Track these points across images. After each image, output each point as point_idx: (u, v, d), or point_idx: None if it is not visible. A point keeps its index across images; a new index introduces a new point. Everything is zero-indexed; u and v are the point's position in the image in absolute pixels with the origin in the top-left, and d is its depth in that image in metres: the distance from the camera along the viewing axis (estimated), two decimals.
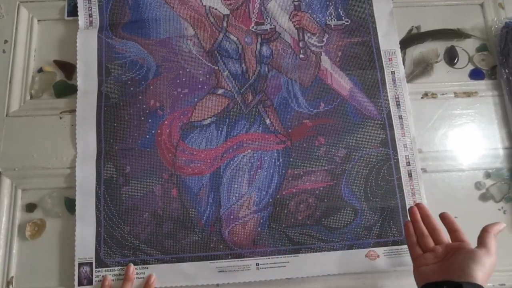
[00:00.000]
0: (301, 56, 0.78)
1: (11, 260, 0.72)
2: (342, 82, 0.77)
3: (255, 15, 0.80)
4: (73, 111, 0.77)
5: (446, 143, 0.78)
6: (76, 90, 0.77)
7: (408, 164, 0.74)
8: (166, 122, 0.75)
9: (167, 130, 0.75)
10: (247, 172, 0.73)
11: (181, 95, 0.76)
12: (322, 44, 0.79)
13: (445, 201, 0.75)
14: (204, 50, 0.78)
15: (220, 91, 0.77)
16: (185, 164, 0.73)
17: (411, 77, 0.80)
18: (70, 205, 0.73)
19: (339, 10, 0.81)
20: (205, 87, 0.77)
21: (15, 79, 0.80)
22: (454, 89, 0.80)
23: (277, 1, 0.81)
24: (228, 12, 0.81)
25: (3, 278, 0.71)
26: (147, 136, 0.74)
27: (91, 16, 0.80)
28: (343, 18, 0.80)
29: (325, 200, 0.72)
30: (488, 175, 0.77)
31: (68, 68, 0.80)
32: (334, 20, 0.80)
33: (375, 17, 0.81)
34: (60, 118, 0.78)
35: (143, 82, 0.77)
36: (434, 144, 0.77)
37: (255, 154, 0.74)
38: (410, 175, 0.74)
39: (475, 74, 0.81)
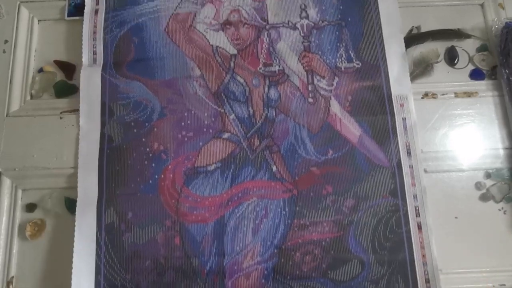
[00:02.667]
0: (310, 100, 0.78)
1: (11, 260, 0.73)
2: (351, 128, 0.76)
3: (263, 56, 0.80)
4: (73, 111, 0.78)
5: (446, 143, 0.78)
6: (76, 90, 0.79)
7: (418, 215, 0.73)
8: (169, 166, 0.75)
9: (171, 175, 0.74)
10: (252, 221, 0.73)
11: (186, 139, 0.76)
12: (331, 88, 0.78)
13: (445, 201, 0.75)
14: (210, 91, 0.78)
15: (226, 135, 0.76)
16: (188, 211, 0.73)
17: (412, 77, 0.80)
18: (70, 205, 0.74)
19: (350, 52, 0.80)
20: (211, 130, 0.76)
21: (15, 79, 0.81)
22: (454, 89, 0.81)
23: (286, 42, 0.81)
24: (235, 52, 0.80)
25: (3, 278, 0.72)
26: (150, 181, 0.74)
27: (95, 54, 0.80)
28: (354, 60, 0.80)
29: (332, 252, 0.72)
30: (488, 175, 0.77)
31: (68, 68, 0.81)
32: (344, 63, 0.80)
33: (387, 60, 0.80)
34: (61, 118, 0.79)
35: (147, 124, 0.76)
36: (434, 144, 0.78)
37: (260, 203, 0.74)
38: (419, 227, 0.73)
39: (476, 74, 0.82)
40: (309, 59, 0.80)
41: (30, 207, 0.75)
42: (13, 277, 0.73)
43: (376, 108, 0.78)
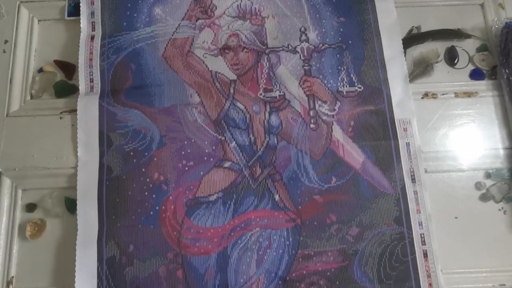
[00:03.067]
0: (312, 126, 0.77)
1: (11, 260, 0.73)
2: (354, 155, 0.75)
3: (263, 81, 0.79)
4: (73, 111, 0.78)
5: (447, 143, 0.79)
6: (76, 90, 0.79)
7: (423, 243, 0.73)
8: (170, 197, 0.74)
9: (172, 207, 0.73)
10: (256, 252, 0.72)
11: (186, 168, 0.75)
12: (333, 113, 0.77)
13: (445, 201, 0.76)
14: (210, 119, 0.77)
15: (227, 164, 0.75)
16: (190, 242, 0.72)
17: (412, 77, 0.81)
18: (70, 205, 0.74)
19: (352, 75, 0.79)
20: (211, 159, 0.75)
21: (15, 79, 0.81)
22: (454, 89, 0.81)
23: (286, 66, 0.80)
24: (235, 77, 0.79)
25: (3, 278, 0.72)
26: (151, 213, 0.73)
27: (92, 81, 0.79)
28: (356, 84, 0.79)
29: (337, 283, 0.71)
30: (488, 175, 0.77)
31: (68, 68, 0.81)
32: (346, 87, 0.79)
33: (389, 83, 0.79)
34: (61, 118, 0.79)
35: (146, 153, 0.75)
36: (434, 144, 0.78)
37: (263, 233, 0.73)
38: (425, 255, 0.72)
39: (476, 74, 0.82)
40: (310, 83, 0.79)
41: (30, 207, 0.75)
42: (13, 277, 0.73)
43: (379, 133, 0.77)
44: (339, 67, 0.80)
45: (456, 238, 0.74)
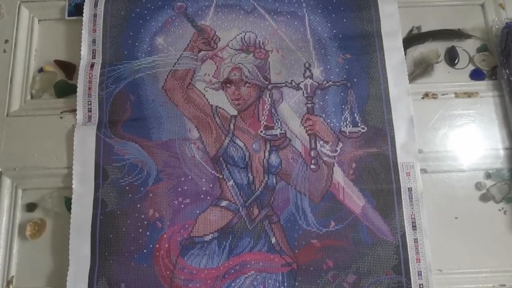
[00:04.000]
0: (312, 166, 0.75)
1: (11, 260, 0.74)
2: (355, 199, 0.74)
3: (264, 118, 0.77)
4: (73, 111, 0.78)
5: (447, 143, 0.79)
6: (76, 90, 0.79)
7: None
8: (165, 236, 0.72)
9: (166, 245, 0.72)
10: None
11: (182, 206, 0.74)
12: (335, 154, 0.76)
13: (445, 201, 0.76)
14: (209, 155, 0.76)
15: (224, 203, 0.74)
16: (183, 283, 0.71)
17: (412, 77, 0.81)
18: (70, 205, 0.74)
19: (355, 115, 0.77)
20: (208, 197, 0.74)
21: (15, 79, 0.81)
22: (454, 89, 0.82)
23: (289, 103, 0.78)
24: (236, 113, 0.77)
25: (3, 277, 0.73)
26: (145, 251, 0.72)
27: (90, 111, 0.78)
28: (359, 124, 0.77)
29: None
30: (488, 176, 0.78)
31: (68, 68, 0.82)
32: (349, 127, 0.77)
33: (393, 125, 0.77)
34: (61, 118, 0.80)
35: (142, 189, 0.74)
36: (435, 144, 0.79)
37: (258, 277, 0.72)
38: None
39: (476, 75, 0.83)
40: (312, 122, 0.77)
41: (30, 207, 0.76)
42: (13, 276, 0.73)
43: (381, 177, 0.75)
44: (343, 106, 0.78)
45: (456, 238, 0.75)
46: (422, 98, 0.81)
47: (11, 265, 0.73)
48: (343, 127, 0.77)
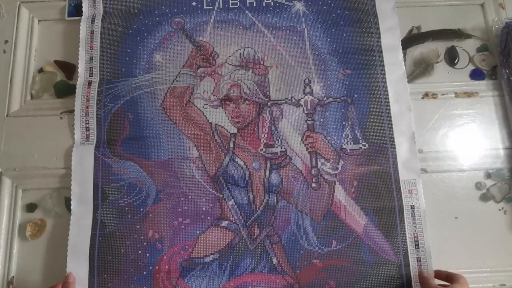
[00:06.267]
0: (313, 185, 0.75)
1: (11, 260, 0.74)
2: (356, 217, 0.74)
3: (264, 135, 0.77)
4: (73, 111, 0.79)
5: (447, 143, 0.80)
6: (76, 90, 0.79)
7: None
8: (165, 257, 0.72)
9: (166, 267, 0.72)
10: None
11: (182, 226, 0.73)
12: (336, 172, 0.75)
13: (445, 201, 0.77)
14: (208, 175, 0.75)
15: (224, 223, 0.74)
16: None
17: (412, 77, 0.82)
18: (70, 205, 0.74)
19: (356, 131, 0.77)
20: (208, 217, 0.74)
21: (15, 79, 0.82)
22: (454, 89, 0.83)
23: (289, 120, 0.78)
24: (235, 130, 0.77)
25: (4, 278, 0.73)
26: (144, 273, 0.72)
27: (88, 130, 0.78)
28: (360, 141, 0.77)
29: None
30: (488, 176, 0.79)
31: (68, 68, 0.82)
32: (350, 144, 0.77)
33: (395, 141, 0.77)
34: (61, 118, 0.80)
35: (141, 209, 0.74)
36: (435, 144, 0.79)
37: None
38: None
39: (476, 74, 0.83)
40: (313, 139, 0.77)
41: (31, 207, 0.76)
42: (13, 277, 0.74)
43: (383, 195, 0.75)
44: (344, 123, 0.78)
45: (456, 238, 0.75)
46: (422, 98, 0.82)
47: (11, 265, 0.74)
48: (344, 144, 0.77)
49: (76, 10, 0.84)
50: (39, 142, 0.79)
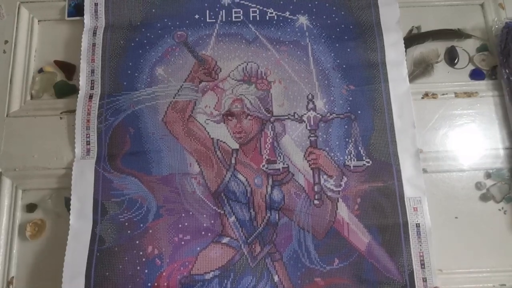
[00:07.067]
0: (316, 202, 0.74)
1: (11, 260, 0.74)
2: (360, 235, 0.73)
3: (266, 151, 0.76)
4: (73, 111, 0.79)
5: (447, 143, 0.80)
6: (76, 90, 0.80)
7: None
8: (164, 273, 0.71)
9: (165, 284, 0.71)
10: None
11: (183, 242, 0.73)
12: (339, 189, 0.75)
13: (445, 201, 0.77)
14: (210, 191, 0.75)
15: (225, 240, 0.73)
16: None
17: (412, 77, 0.82)
18: (70, 205, 0.74)
19: (360, 148, 0.76)
20: (209, 234, 0.73)
21: (15, 79, 0.82)
22: (454, 89, 0.83)
23: (291, 136, 0.77)
24: (237, 146, 0.77)
25: (3, 278, 0.73)
26: None
27: (89, 144, 0.77)
28: (364, 158, 0.76)
29: None
30: (488, 176, 0.79)
31: (68, 68, 0.83)
32: (353, 161, 0.76)
33: (399, 158, 0.76)
34: (61, 118, 0.80)
35: (141, 225, 0.73)
36: (435, 144, 0.80)
37: None
38: None
39: (476, 74, 0.84)
40: (316, 156, 0.76)
41: (31, 207, 0.76)
42: (13, 277, 0.74)
43: (387, 212, 0.74)
44: (347, 139, 0.77)
45: (456, 238, 0.75)
46: (422, 98, 0.82)
47: (11, 266, 0.74)
48: (347, 161, 0.76)
49: (76, 10, 0.85)
50: (39, 142, 0.79)
